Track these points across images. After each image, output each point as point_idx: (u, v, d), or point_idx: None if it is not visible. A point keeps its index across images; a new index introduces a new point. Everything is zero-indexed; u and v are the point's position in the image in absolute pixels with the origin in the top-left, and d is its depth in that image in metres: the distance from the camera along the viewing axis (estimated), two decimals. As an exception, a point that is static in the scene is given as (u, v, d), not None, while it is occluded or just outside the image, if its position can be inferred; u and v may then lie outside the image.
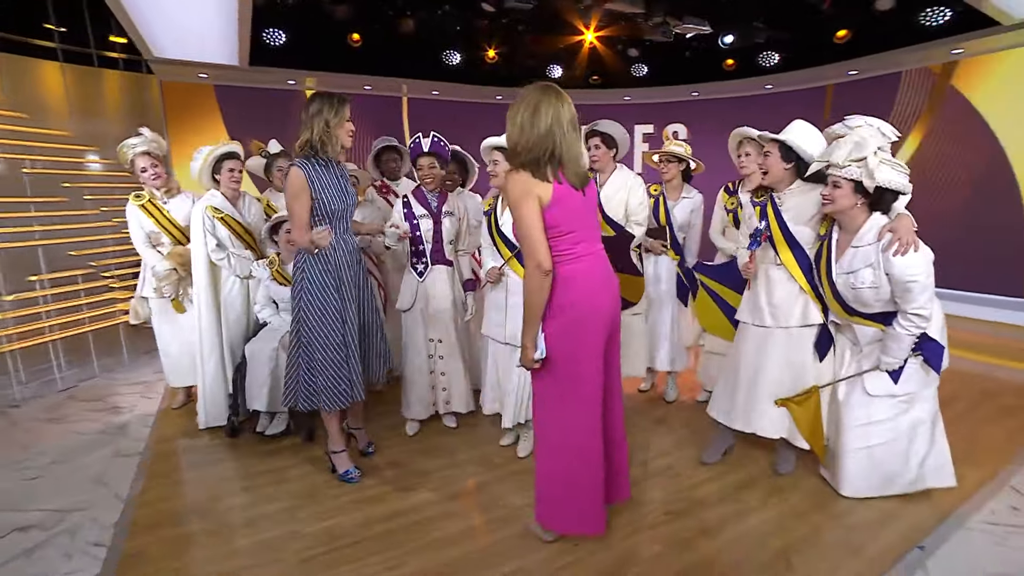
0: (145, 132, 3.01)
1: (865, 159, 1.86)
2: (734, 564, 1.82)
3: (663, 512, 2.12)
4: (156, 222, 2.99)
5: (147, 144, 2.97)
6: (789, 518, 2.07)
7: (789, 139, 2.12)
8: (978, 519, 2.05)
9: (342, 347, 2.21)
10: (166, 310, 3.08)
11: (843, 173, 1.90)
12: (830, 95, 5.80)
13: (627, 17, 4.15)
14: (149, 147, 2.97)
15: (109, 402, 3.39)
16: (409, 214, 2.65)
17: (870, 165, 1.84)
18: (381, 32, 5.32)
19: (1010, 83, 4.57)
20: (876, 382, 2.03)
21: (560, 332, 1.71)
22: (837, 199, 1.94)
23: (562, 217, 1.66)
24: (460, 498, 2.25)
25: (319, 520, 2.09)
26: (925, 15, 4.23)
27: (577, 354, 1.73)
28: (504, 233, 2.45)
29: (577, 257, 1.71)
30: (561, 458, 1.81)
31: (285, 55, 5.21)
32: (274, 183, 3.22)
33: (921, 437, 2.06)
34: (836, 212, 1.98)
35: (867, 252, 1.92)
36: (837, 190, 1.93)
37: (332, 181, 2.18)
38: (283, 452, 2.66)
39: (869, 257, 1.91)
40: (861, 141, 1.88)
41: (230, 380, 2.86)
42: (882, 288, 1.89)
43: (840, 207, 1.95)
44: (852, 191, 1.91)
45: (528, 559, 1.85)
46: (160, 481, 2.41)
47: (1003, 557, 1.84)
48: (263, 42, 4.91)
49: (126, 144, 2.96)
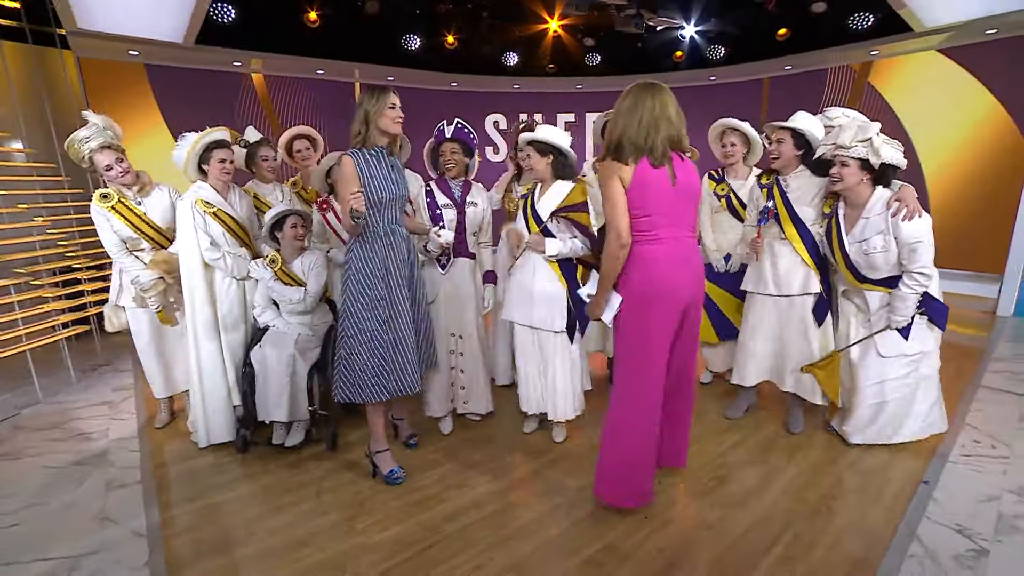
0: (93, 119, 2.55)
1: (870, 139, 2.11)
2: (787, 518, 2.02)
3: (709, 478, 2.29)
4: (132, 226, 2.62)
5: (102, 135, 2.55)
6: (814, 472, 2.32)
7: (804, 127, 2.35)
8: (956, 454, 2.43)
9: (387, 337, 2.16)
10: (145, 318, 2.75)
11: (851, 153, 2.14)
12: (767, 88, 6.33)
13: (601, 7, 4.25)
14: (106, 139, 2.57)
15: (70, 428, 2.97)
16: (432, 203, 2.57)
17: (875, 144, 2.10)
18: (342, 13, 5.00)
19: (916, 82, 5.29)
20: (888, 344, 2.31)
21: (632, 308, 1.86)
22: (846, 177, 2.18)
23: (642, 200, 1.80)
24: (516, 489, 2.27)
25: (381, 528, 2.01)
26: (853, 19, 4.77)
27: (647, 332, 1.85)
28: (538, 213, 2.47)
29: (657, 239, 1.83)
30: (625, 438, 1.93)
31: (232, 34, 4.72)
32: (259, 174, 2.95)
33: (924, 391, 2.38)
34: (845, 189, 2.22)
35: (877, 221, 2.17)
36: (845, 168, 2.17)
37: (380, 170, 2.14)
38: (307, 463, 2.50)
39: (879, 225, 2.16)
40: (864, 125, 2.14)
41: (233, 391, 2.63)
42: (891, 252, 2.16)
43: (849, 184, 2.19)
44: (859, 168, 2.16)
45: (608, 537, 1.93)
46: (181, 509, 2.18)
47: (987, 481, 2.21)
48: (210, 18, 4.41)
49: (76, 138, 2.50)
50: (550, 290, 2.45)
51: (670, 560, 1.81)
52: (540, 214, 2.47)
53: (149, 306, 2.68)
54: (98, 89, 4.69)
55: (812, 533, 1.92)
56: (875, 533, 1.91)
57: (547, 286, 2.46)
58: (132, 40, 4.32)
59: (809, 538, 1.90)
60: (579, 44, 6.01)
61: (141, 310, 2.73)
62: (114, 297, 2.76)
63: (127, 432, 2.89)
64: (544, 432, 2.74)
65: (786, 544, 1.87)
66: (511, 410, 2.86)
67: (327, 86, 5.92)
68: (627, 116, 1.79)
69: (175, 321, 2.78)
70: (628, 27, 4.52)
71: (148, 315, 2.74)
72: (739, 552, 1.84)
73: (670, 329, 1.88)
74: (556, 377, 2.51)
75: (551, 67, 6.56)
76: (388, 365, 2.17)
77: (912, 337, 2.28)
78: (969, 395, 3.05)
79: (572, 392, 2.53)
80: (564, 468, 2.40)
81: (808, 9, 4.72)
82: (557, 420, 2.56)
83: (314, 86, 5.81)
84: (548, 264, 2.46)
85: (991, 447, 2.48)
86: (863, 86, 5.58)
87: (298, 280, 2.68)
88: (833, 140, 2.19)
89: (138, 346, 2.81)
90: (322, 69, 5.62)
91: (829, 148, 2.23)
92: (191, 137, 2.56)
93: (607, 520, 2.02)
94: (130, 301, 2.71)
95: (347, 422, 2.87)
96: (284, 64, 5.32)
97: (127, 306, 2.74)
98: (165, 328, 2.79)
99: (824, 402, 2.52)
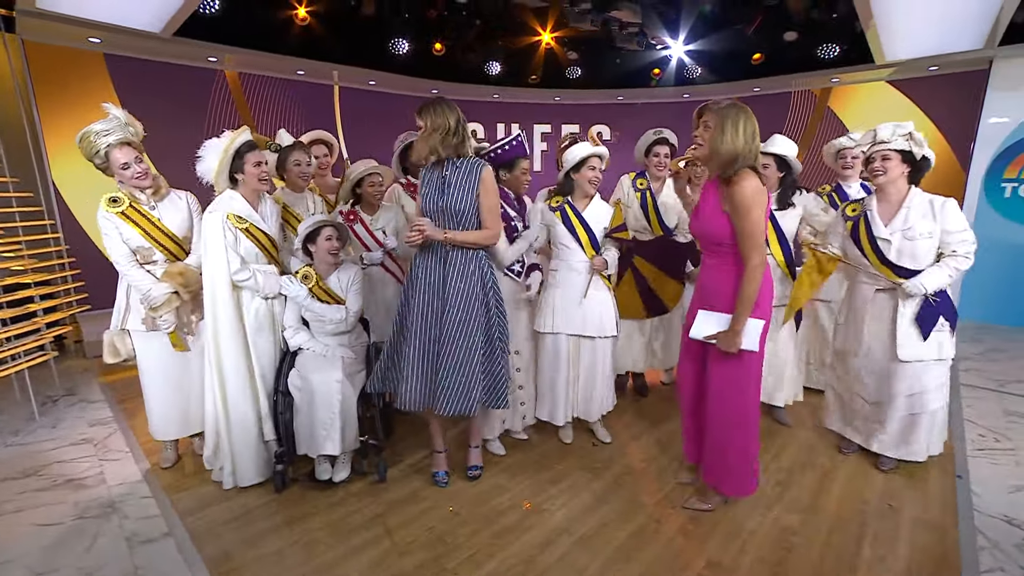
0: (114, 112, 2.28)
1: (910, 133, 2.21)
2: (858, 518, 2.13)
3: (773, 484, 2.37)
4: (145, 234, 2.33)
5: (123, 130, 2.28)
6: (858, 470, 2.46)
7: (784, 152, 2.58)
8: (972, 448, 2.68)
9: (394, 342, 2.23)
10: (158, 344, 2.42)
11: (893, 145, 2.22)
12: (735, 107, 6.76)
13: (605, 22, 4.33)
14: (127, 135, 2.29)
15: (52, 475, 2.54)
16: (504, 215, 2.48)
17: (915, 136, 2.21)
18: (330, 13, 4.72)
19: (869, 109, 5.87)
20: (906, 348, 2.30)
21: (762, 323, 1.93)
22: (889, 169, 2.25)
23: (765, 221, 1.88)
24: (595, 509, 2.22)
25: (476, 566, 1.89)
26: (822, 48, 5.21)
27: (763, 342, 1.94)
28: (590, 227, 2.53)
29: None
30: (747, 431, 2.04)
31: (212, 27, 4.30)
32: (290, 181, 2.70)
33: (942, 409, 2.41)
34: (887, 182, 2.28)
35: (922, 210, 2.24)
36: (888, 162, 2.24)
37: (432, 181, 2.14)
38: (359, 498, 2.31)
39: (925, 213, 2.23)
40: (899, 124, 2.24)
41: (264, 423, 2.38)
42: (935, 238, 2.23)
43: (892, 176, 2.26)
44: (900, 161, 2.24)
45: (707, 553, 1.94)
46: (234, 562, 1.92)
47: (1005, 472, 2.45)
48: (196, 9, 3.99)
49: (92, 131, 2.23)
50: (600, 298, 2.57)
51: (775, 571, 1.84)
52: (596, 233, 2.55)
53: (160, 327, 2.37)
54: (47, 78, 4.10)
55: (888, 531, 2.04)
56: (940, 527, 2.06)
57: (597, 294, 2.57)
58: (97, 26, 3.82)
59: (888, 537, 2.01)
60: (564, 57, 6.09)
61: (152, 335, 2.40)
62: (118, 320, 2.42)
63: (129, 475, 2.52)
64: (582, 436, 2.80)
65: (871, 544, 1.97)
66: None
67: (305, 87, 5.57)
68: (751, 137, 1.84)
69: (187, 346, 2.48)
70: (630, 44, 4.65)
71: (160, 341, 2.42)
72: (834, 556, 1.91)
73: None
74: (597, 379, 2.64)
75: (533, 78, 6.60)
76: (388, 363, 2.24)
77: (940, 343, 2.31)
78: (954, 393, 3.38)
79: (609, 390, 2.72)
80: (631, 485, 2.39)
81: (782, 36, 5.09)
82: (593, 419, 2.70)
83: (293, 87, 5.45)
84: (595, 275, 2.56)
85: (995, 440, 2.77)
86: (824, 110, 6.11)
87: (336, 297, 2.48)
88: (869, 140, 2.28)
89: (145, 380, 2.47)
90: (302, 69, 5.28)
91: (866, 145, 2.32)
92: (217, 143, 2.29)
93: (696, 535, 2.03)
94: (139, 324, 2.38)
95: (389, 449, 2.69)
96: (263, 62, 4.95)
97: (134, 330, 2.40)
98: (177, 357, 2.47)
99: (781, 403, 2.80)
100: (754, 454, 2.09)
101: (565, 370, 2.59)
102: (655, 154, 2.98)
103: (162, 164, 3.78)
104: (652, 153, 3.00)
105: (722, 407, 2.00)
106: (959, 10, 4.33)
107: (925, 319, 2.29)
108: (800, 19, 4.78)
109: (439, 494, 2.33)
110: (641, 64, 6.51)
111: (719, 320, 1.93)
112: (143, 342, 2.42)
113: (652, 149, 3.00)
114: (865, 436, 2.52)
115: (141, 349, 2.43)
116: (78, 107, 4.20)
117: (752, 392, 2.00)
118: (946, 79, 5.32)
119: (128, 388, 3.62)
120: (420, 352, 2.15)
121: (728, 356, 1.92)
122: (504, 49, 6.03)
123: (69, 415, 3.20)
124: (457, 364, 2.11)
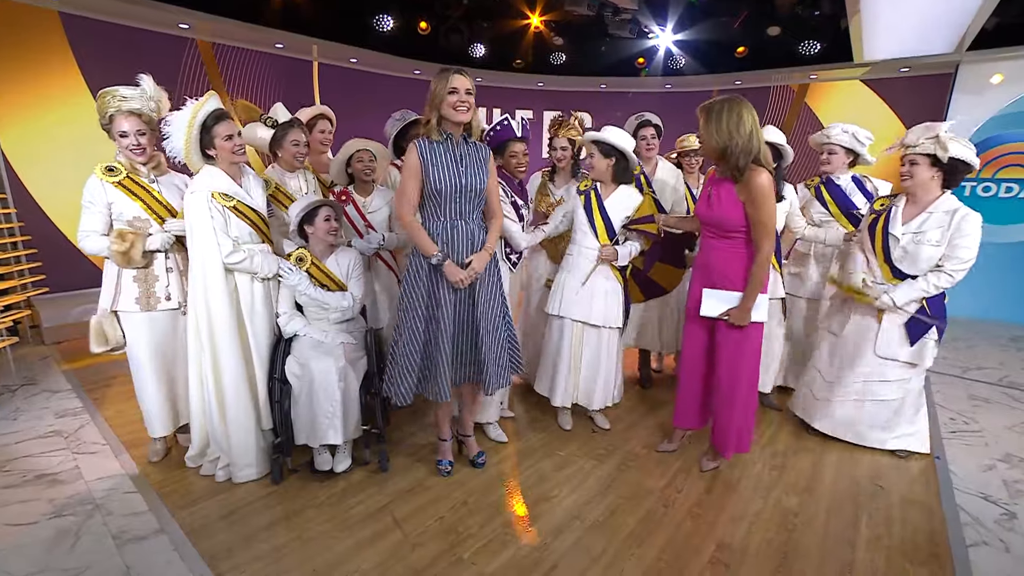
0: (146, 84, 2.15)
1: (937, 136, 2.17)
2: (853, 499, 2.22)
3: (769, 469, 2.45)
4: (145, 206, 2.18)
5: (141, 100, 2.12)
6: (848, 457, 2.57)
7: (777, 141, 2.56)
8: (945, 431, 2.84)
9: (419, 341, 2.12)
10: (152, 328, 2.26)
11: (918, 149, 2.21)
12: (716, 100, 6.87)
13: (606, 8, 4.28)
14: (145, 108, 2.14)
15: (21, 469, 2.35)
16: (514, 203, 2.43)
17: (942, 139, 2.16)
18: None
19: (842, 105, 6.08)
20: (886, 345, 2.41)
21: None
22: (916, 173, 2.25)
23: None
24: (603, 495, 2.23)
25: (492, 555, 1.87)
26: (803, 45, 5.34)
27: None
28: (610, 219, 2.50)
29: None
30: (751, 393, 2.25)
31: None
32: (284, 159, 2.54)
33: (911, 405, 2.50)
34: (915, 186, 2.28)
35: (941, 217, 2.25)
36: (915, 166, 2.25)
37: (444, 160, 2.02)
38: (362, 488, 2.25)
39: (942, 222, 2.24)
40: (929, 125, 2.23)
41: (263, 413, 2.28)
42: (941, 248, 2.25)
43: (919, 180, 2.26)
44: (929, 165, 2.22)
45: (716, 535, 1.98)
46: (236, 559, 1.83)
47: (978, 452, 2.62)
48: None
49: (113, 92, 2.09)
50: (608, 288, 2.56)
51: (782, 551, 1.90)
52: (613, 222, 2.51)
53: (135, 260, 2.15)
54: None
55: (881, 511, 2.14)
56: (926, 505, 2.18)
57: (606, 284, 2.56)
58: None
59: (882, 516, 2.11)
60: (550, 43, 6.01)
61: (144, 317, 2.23)
62: (108, 302, 2.23)
63: (108, 469, 2.36)
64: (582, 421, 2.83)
65: (867, 524, 2.06)
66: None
67: (284, 62, 5.29)
68: (735, 127, 1.91)
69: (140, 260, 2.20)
70: (622, 31, 4.62)
71: (151, 325, 2.26)
72: (835, 535, 1.99)
73: None
74: (600, 369, 2.64)
75: (518, 63, 6.50)
76: (410, 368, 2.12)
77: (920, 349, 2.38)
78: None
79: (615, 381, 2.72)
80: (635, 470, 2.42)
81: (766, 31, 5.19)
82: (594, 408, 2.71)
83: (271, 61, 5.17)
84: (607, 264, 2.54)
85: (964, 423, 2.95)
86: (800, 106, 6.29)
87: (336, 280, 2.38)
88: (899, 142, 2.30)
89: (136, 366, 2.29)
90: (282, 42, 5.01)
91: (896, 148, 2.32)
92: (180, 116, 2.11)
93: (704, 518, 2.08)
94: (132, 304, 2.21)
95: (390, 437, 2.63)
96: (239, 32, 4.65)
97: (126, 312, 2.22)
98: (170, 342, 2.31)
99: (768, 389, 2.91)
100: (752, 414, 2.30)
101: (568, 355, 2.60)
102: (641, 137, 2.98)
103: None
104: (639, 136, 2.98)
105: (732, 371, 2.18)
106: (934, 14, 4.50)
107: (914, 328, 2.36)
108: (785, 14, 4.87)
109: (444, 483, 2.29)
110: (626, 53, 6.51)
111: (728, 298, 2.11)
112: (135, 326, 2.24)
113: (638, 133, 2.99)
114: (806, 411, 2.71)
115: (133, 335, 2.25)
116: (31, 69, 3.85)
117: (756, 358, 2.20)
118: (915, 80, 5.56)
119: (97, 375, 3.40)
120: (456, 340, 2.14)
121: (738, 328, 2.12)
122: (490, 31, 5.91)
123: (31, 406, 2.97)
124: (495, 340, 2.17)
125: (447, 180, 2.01)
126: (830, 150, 2.86)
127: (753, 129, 1.94)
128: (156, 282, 2.23)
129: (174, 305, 2.28)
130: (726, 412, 2.25)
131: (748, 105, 1.97)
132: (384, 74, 6.09)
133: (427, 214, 2.08)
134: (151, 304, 2.21)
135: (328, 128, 2.91)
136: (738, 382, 2.19)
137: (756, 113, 1.98)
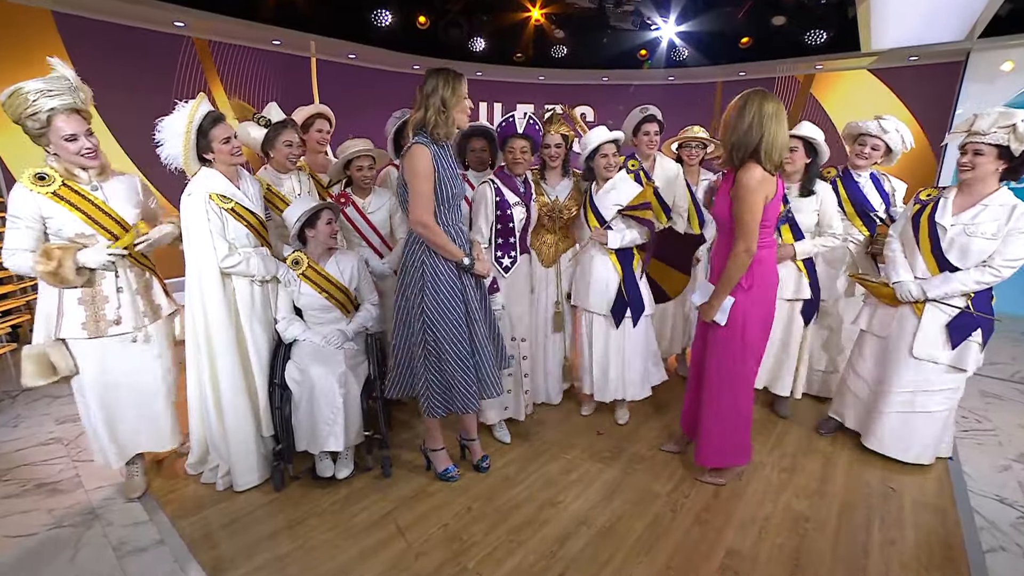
0: (62, 70, 1.85)
1: (1014, 125, 1.94)
2: (864, 502, 2.18)
3: (779, 471, 2.40)
4: (87, 218, 1.90)
5: (72, 94, 1.85)
6: (860, 458, 2.52)
7: (813, 136, 2.45)
8: (958, 430, 2.78)
9: (467, 348, 2.07)
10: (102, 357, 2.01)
11: (988, 139, 1.98)
12: (719, 92, 6.76)
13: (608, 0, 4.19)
14: (77, 101, 1.87)
15: (22, 479, 2.34)
16: (502, 203, 2.37)
17: (1019, 130, 1.92)
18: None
19: (850, 95, 5.97)
20: (923, 345, 2.22)
21: (749, 303, 2.02)
22: (979, 165, 2.03)
23: (773, 210, 1.92)
24: (609, 499, 2.19)
25: (497, 563, 1.84)
26: (809, 34, 5.23)
27: (758, 321, 2.06)
28: (598, 209, 2.51)
29: (768, 244, 1.99)
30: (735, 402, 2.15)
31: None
32: (277, 160, 2.48)
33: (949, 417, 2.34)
34: (975, 179, 2.07)
35: (997, 211, 2.06)
36: (979, 157, 2.03)
37: (449, 164, 2.00)
38: (365, 495, 2.22)
39: (998, 215, 2.05)
40: (1006, 112, 1.98)
41: (263, 420, 2.25)
42: (996, 241, 2.06)
43: (982, 173, 2.05)
44: (995, 157, 2.01)
45: (726, 541, 1.94)
46: (239, 570, 1.81)
47: (991, 452, 2.57)
48: None
49: (28, 88, 1.77)
50: (610, 278, 2.56)
51: (793, 558, 1.87)
52: (602, 211, 2.50)
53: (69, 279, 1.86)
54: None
55: (893, 514, 2.10)
56: (940, 508, 2.13)
57: (607, 275, 2.56)
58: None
59: (894, 519, 2.06)
60: (551, 36, 5.92)
61: (93, 344, 1.98)
62: (51, 330, 1.95)
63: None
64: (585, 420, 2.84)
65: (879, 528, 2.02)
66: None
67: (282, 59, 5.23)
68: (773, 124, 1.79)
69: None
70: (624, 22, 4.53)
71: (102, 352, 2.01)
72: (846, 540, 1.95)
73: (771, 319, 2.10)
74: (611, 360, 2.64)
75: (519, 56, 6.41)
76: (469, 373, 2.09)
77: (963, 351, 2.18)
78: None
79: (627, 376, 2.64)
80: (641, 474, 2.38)
81: (771, 21, 5.08)
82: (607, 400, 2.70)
83: (268, 57, 5.10)
84: (606, 252, 2.55)
85: (977, 421, 2.89)
86: (806, 96, 6.18)
87: (336, 282, 2.34)
88: (966, 128, 2.06)
89: (80, 396, 2.04)
90: (279, 39, 4.94)
91: (961, 136, 2.10)
92: (174, 123, 2.00)
93: (713, 524, 2.04)
94: (78, 330, 1.95)
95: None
96: (236, 30, 4.59)
97: (73, 338, 1.96)
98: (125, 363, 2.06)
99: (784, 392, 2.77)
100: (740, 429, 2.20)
101: (586, 343, 2.69)
102: (644, 132, 2.87)
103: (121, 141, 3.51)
104: (642, 132, 2.88)
105: (713, 374, 2.14)
106: (944, 1, 4.40)
107: (958, 329, 2.16)
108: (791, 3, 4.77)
109: (448, 488, 2.26)
110: (628, 46, 6.41)
111: (709, 291, 2.08)
112: (82, 355, 1.98)
113: (641, 128, 2.88)
114: (859, 423, 2.54)
115: (80, 364, 1.99)
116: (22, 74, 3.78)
117: (740, 365, 2.09)
118: (925, 69, 5.44)
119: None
120: (487, 343, 2.15)
121: (710, 326, 2.09)
122: (490, 24, 5.82)
123: (32, 412, 2.96)
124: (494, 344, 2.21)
125: (454, 185, 2.02)
126: (875, 144, 2.65)
127: (753, 123, 1.81)
128: (105, 304, 1.97)
129: (127, 329, 2.02)
130: (706, 419, 2.19)
131: (760, 98, 1.83)
132: (383, 69, 6.01)
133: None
134: (100, 329, 1.97)
135: (326, 128, 2.85)
136: (720, 390, 2.13)
137: (773, 107, 1.82)
